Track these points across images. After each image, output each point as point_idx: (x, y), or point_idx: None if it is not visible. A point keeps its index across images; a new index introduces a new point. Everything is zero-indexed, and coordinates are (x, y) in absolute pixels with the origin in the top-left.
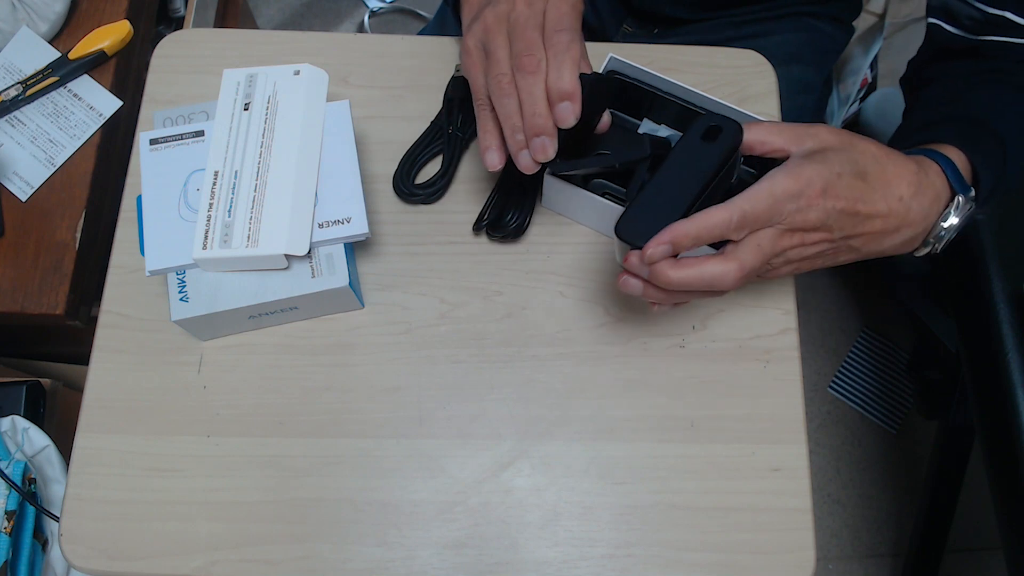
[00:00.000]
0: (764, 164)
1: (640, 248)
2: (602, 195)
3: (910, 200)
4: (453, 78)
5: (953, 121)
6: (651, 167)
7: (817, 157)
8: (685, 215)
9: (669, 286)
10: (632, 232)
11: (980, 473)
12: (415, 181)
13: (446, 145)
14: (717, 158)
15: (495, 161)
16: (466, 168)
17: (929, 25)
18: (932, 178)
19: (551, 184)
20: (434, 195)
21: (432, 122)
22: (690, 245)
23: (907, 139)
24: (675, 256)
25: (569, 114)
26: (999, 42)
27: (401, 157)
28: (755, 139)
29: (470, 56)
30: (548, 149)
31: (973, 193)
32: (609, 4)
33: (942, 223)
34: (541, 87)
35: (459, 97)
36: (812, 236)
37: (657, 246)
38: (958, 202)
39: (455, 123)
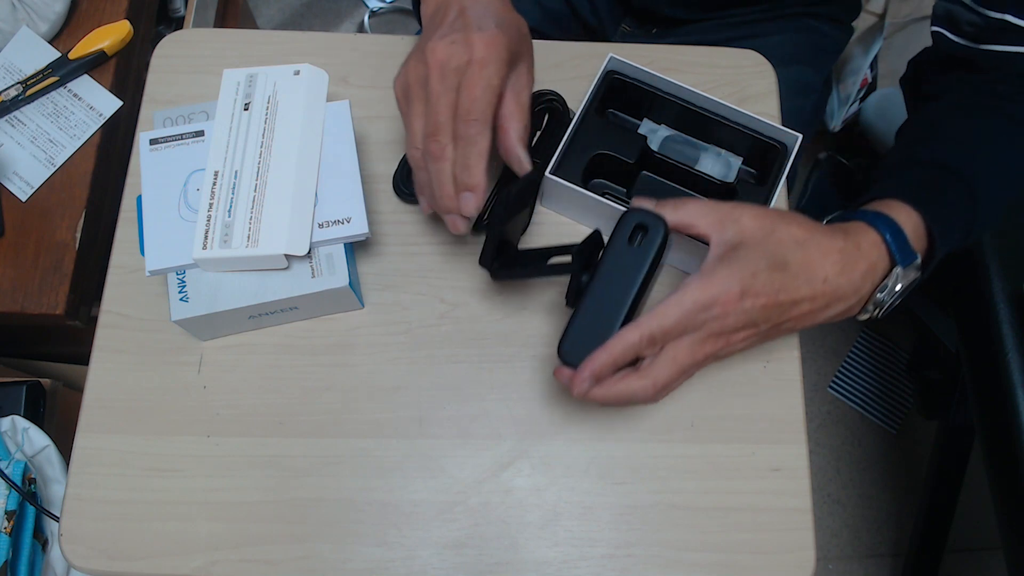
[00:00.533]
0: (764, 164)
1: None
2: (602, 195)
3: (836, 278)
4: None
5: (925, 168)
6: (585, 264)
7: (732, 257)
8: (625, 324)
9: (596, 403)
10: (576, 356)
11: (980, 473)
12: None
13: None
14: (647, 262)
15: (424, 207)
16: None
17: (933, 34)
18: (865, 250)
19: (551, 184)
20: None
21: None
22: (610, 372)
23: (884, 174)
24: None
25: (470, 205)
26: (1002, 53)
27: (401, 157)
28: (681, 222)
29: (399, 103)
30: (458, 224)
31: (919, 260)
32: (608, 3)
33: (878, 294)
34: (447, 172)
35: None
36: (736, 336)
37: (581, 382)
38: (896, 274)
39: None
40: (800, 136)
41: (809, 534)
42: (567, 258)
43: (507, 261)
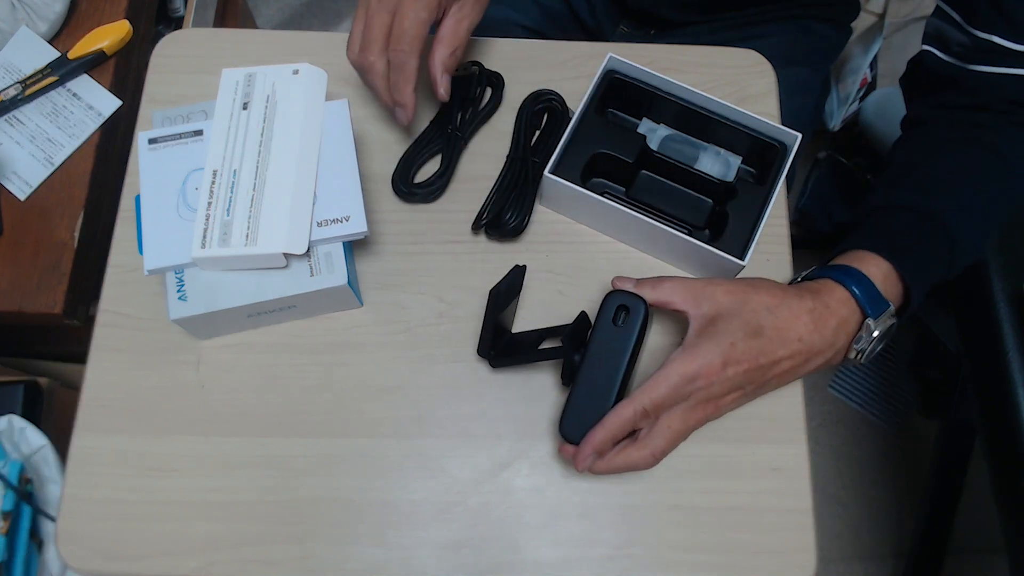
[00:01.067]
0: (763, 163)
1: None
2: (601, 194)
3: (809, 337)
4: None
5: (902, 213)
6: (575, 345)
7: (710, 332)
8: (618, 398)
9: (598, 474)
10: (576, 433)
11: (982, 473)
12: (414, 180)
13: (445, 145)
14: (631, 340)
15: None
16: (465, 167)
17: (923, 52)
18: (834, 307)
19: (550, 184)
20: (433, 194)
21: (431, 121)
22: (610, 446)
23: (865, 215)
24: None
25: (403, 117)
26: (988, 74)
27: (400, 157)
28: (659, 300)
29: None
30: (400, 121)
31: (892, 309)
32: (605, 5)
33: (855, 345)
34: (379, 85)
35: (459, 97)
36: (725, 399)
37: (584, 459)
38: (867, 325)
39: (454, 122)
40: (800, 135)
41: (810, 534)
42: (558, 340)
43: (504, 349)
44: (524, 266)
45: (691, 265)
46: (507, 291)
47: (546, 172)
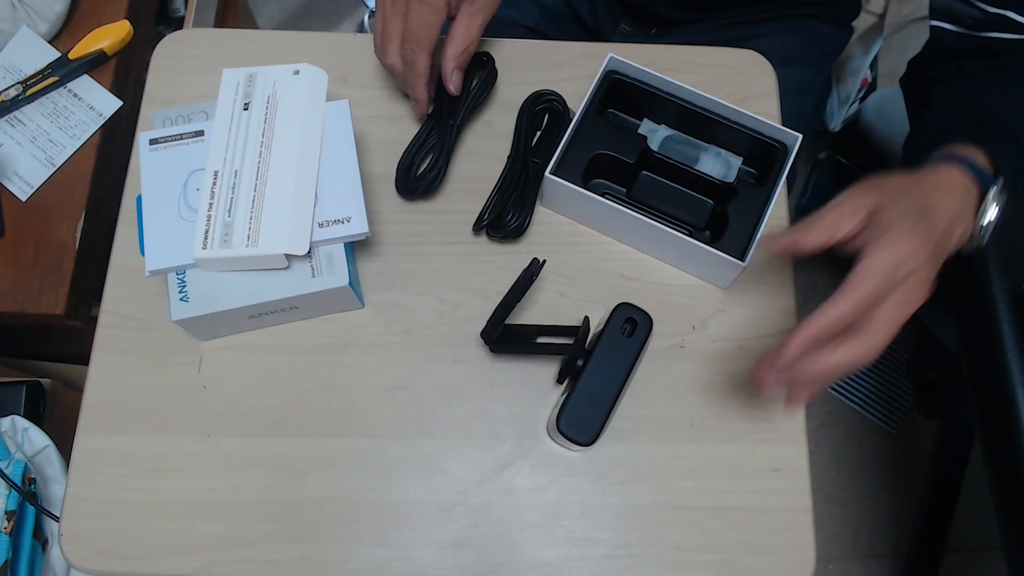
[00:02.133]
0: (764, 164)
1: (584, 444)
2: (602, 195)
3: (948, 208)
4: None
5: (970, 125)
6: (580, 348)
7: (886, 221)
8: (614, 404)
9: (810, 377)
10: (574, 430)
11: (980, 473)
12: (415, 175)
13: (438, 135)
14: (636, 351)
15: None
16: (465, 168)
17: (932, 28)
18: (955, 181)
19: (551, 185)
20: (432, 183)
21: (428, 115)
22: (819, 344)
23: (926, 143)
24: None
25: (416, 112)
26: (1001, 39)
27: (400, 157)
28: (828, 236)
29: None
30: (414, 111)
31: (1001, 181)
32: (606, 3)
33: (979, 221)
34: (399, 80)
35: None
36: (930, 278)
37: (796, 348)
38: (988, 195)
39: (444, 111)
40: (800, 136)
41: (809, 534)
42: (555, 339)
43: (504, 336)
44: (543, 260)
45: (691, 265)
46: (527, 281)
47: (547, 173)
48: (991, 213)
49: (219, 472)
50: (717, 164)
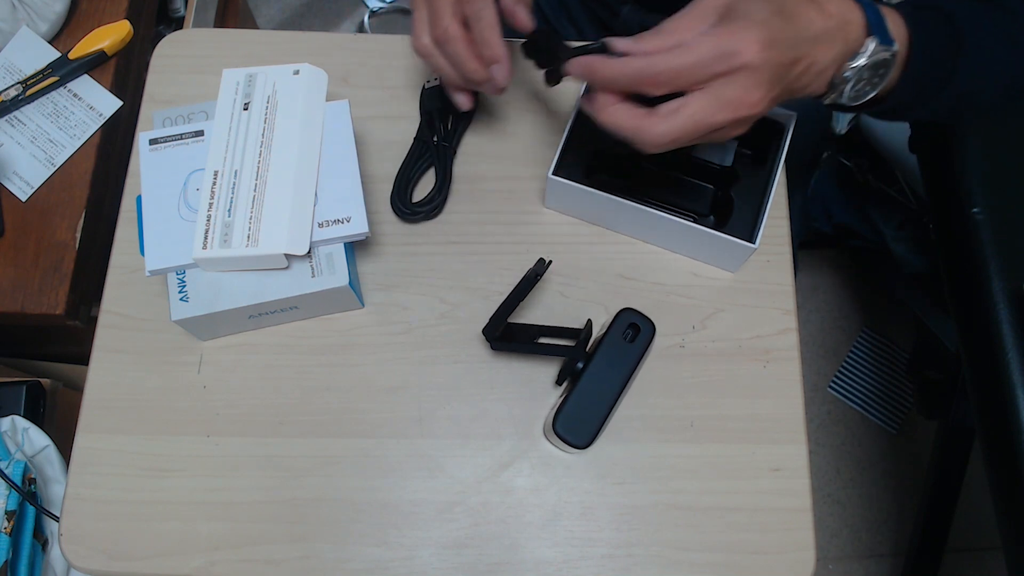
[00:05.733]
0: (760, 144)
1: (579, 446)
2: (604, 190)
3: (821, 26)
4: (425, 89)
5: (921, 8)
6: (581, 351)
7: (733, 12)
8: (612, 408)
9: (601, 118)
10: (570, 431)
11: (980, 473)
12: (413, 199)
13: (435, 158)
14: (637, 357)
15: (464, 102)
16: (464, 168)
17: None
18: (840, 10)
19: (555, 186)
20: (435, 210)
21: (415, 138)
22: (615, 93)
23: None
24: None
25: (502, 74)
26: None
27: (395, 177)
28: (669, 39)
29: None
30: (497, 85)
31: (895, 47)
32: (590, 24)
33: (849, 63)
34: (462, 52)
35: (436, 108)
36: (763, 96)
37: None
38: (867, 43)
39: (438, 133)
40: (794, 114)
41: (809, 534)
42: (557, 340)
43: (506, 335)
44: (549, 260)
45: (700, 252)
46: (532, 279)
47: (549, 174)
48: (865, 58)
49: (219, 472)
50: (714, 149)
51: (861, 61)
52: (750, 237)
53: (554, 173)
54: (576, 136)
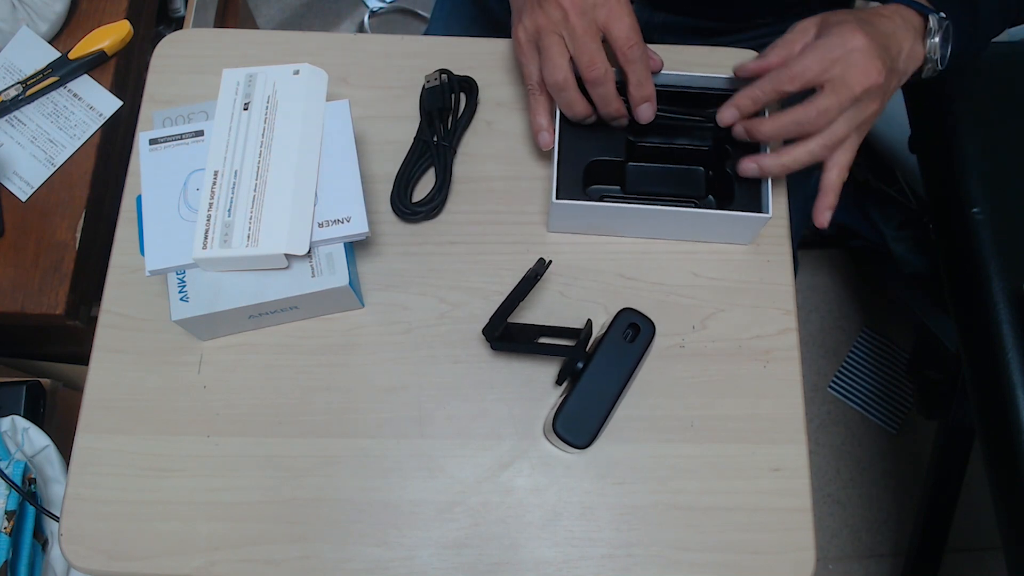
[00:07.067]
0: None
1: (579, 446)
2: (601, 199)
3: (893, 31)
4: (425, 89)
5: None
6: (581, 351)
7: (830, 29)
8: (612, 408)
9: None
10: (570, 431)
11: (980, 473)
12: (413, 199)
13: (435, 157)
14: (637, 357)
15: (548, 141)
16: (463, 168)
17: None
18: (891, 12)
19: (559, 209)
20: (435, 210)
21: (415, 138)
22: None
23: None
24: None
25: (649, 112)
26: None
27: (395, 177)
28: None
29: (521, 48)
30: (643, 115)
31: (941, 15)
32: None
33: (929, 39)
34: (612, 91)
35: (436, 108)
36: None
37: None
38: (931, 20)
39: (438, 133)
40: None
41: (809, 534)
42: (557, 340)
43: (506, 334)
44: (550, 260)
45: (713, 233)
46: (532, 279)
47: (553, 199)
48: (937, 35)
49: (219, 472)
50: (694, 132)
51: (936, 39)
52: (761, 208)
53: (557, 199)
54: (564, 156)
